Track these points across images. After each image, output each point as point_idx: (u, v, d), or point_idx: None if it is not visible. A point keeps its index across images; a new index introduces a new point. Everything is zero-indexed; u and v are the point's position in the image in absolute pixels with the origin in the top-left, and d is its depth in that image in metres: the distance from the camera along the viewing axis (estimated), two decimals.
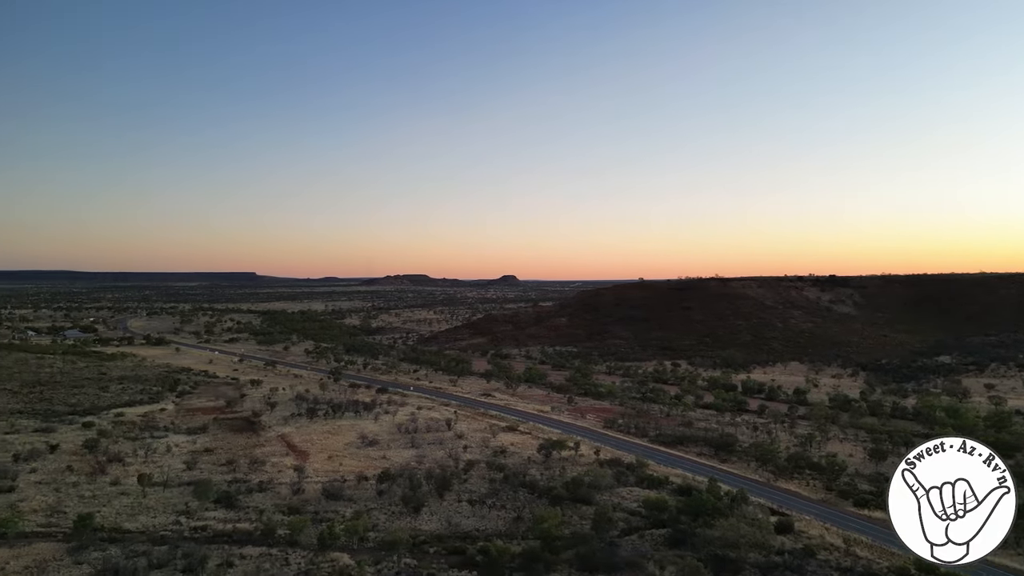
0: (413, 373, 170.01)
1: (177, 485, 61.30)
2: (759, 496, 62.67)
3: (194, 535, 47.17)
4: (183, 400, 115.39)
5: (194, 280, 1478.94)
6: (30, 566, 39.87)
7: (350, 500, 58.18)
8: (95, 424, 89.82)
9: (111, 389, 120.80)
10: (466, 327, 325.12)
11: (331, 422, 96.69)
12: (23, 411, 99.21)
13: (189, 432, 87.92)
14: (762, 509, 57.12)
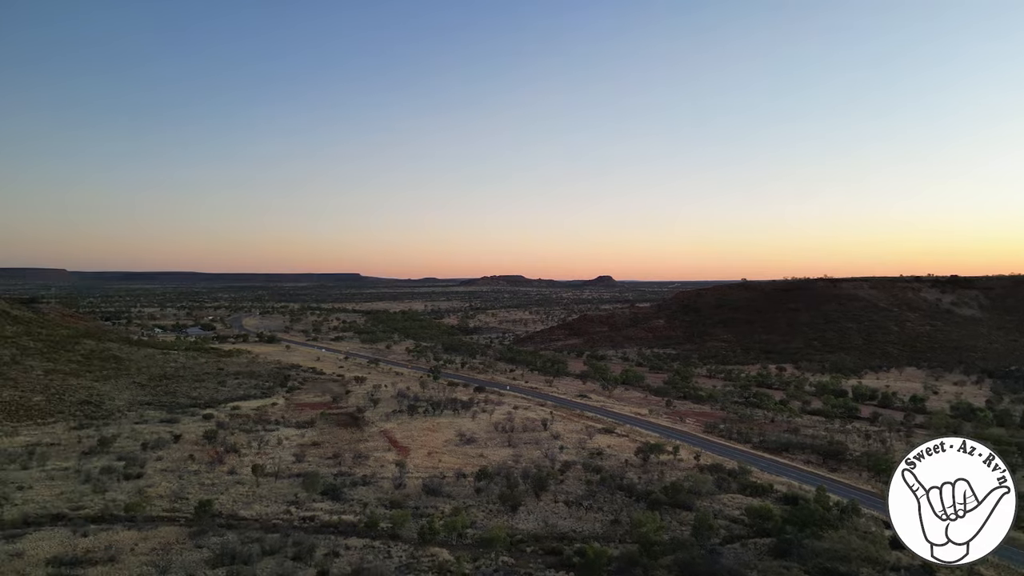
0: (509, 373, 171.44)
1: (287, 476, 64.30)
2: (872, 508, 59.28)
3: (303, 524, 49.32)
4: (293, 395, 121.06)
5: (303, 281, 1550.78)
6: (156, 548, 42.78)
7: (449, 496, 59.26)
8: (214, 416, 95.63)
9: (228, 384, 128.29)
10: (561, 328, 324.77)
11: (431, 419, 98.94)
12: (151, 403, 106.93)
13: (298, 426, 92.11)
14: (875, 522, 53.97)
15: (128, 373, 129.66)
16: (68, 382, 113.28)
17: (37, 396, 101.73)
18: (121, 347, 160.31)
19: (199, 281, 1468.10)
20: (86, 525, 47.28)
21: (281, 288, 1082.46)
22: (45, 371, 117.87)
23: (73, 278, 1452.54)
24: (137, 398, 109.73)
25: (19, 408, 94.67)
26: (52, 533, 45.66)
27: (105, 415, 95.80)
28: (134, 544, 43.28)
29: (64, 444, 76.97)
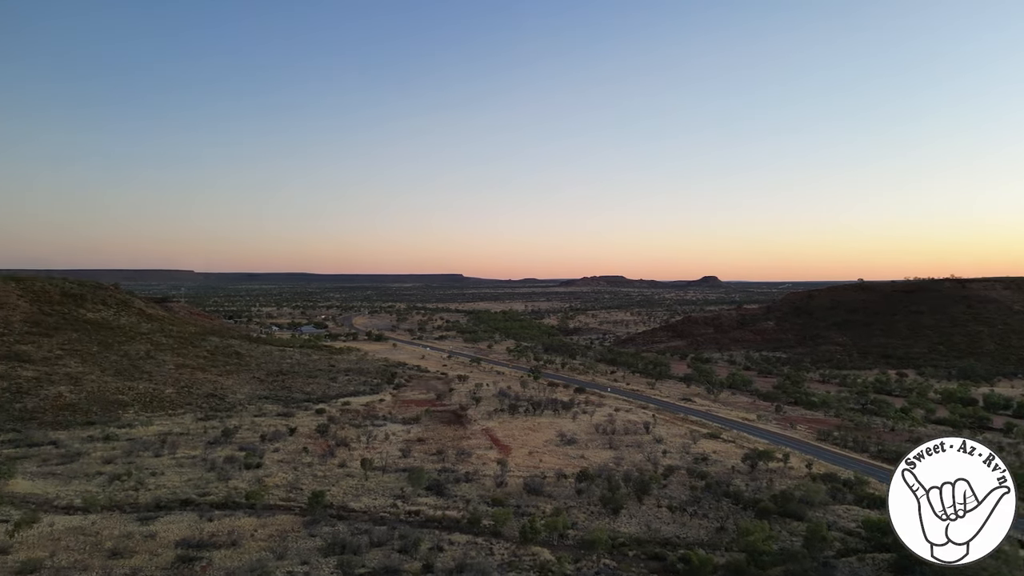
0: (610, 374, 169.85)
1: (394, 471, 66.32)
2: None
3: (408, 518, 50.73)
4: (399, 392, 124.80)
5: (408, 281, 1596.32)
6: (273, 535, 45.14)
7: (550, 496, 59.35)
8: (326, 411, 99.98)
9: (339, 380, 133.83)
10: (664, 329, 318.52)
11: (531, 419, 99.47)
12: (268, 397, 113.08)
13: (404, 422, 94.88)
14: (1009, 541, 49.81)
15: (248, 368, 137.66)
16: (196, 376, 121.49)
17: (169, 389, 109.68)
18: (242, 344, 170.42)
19: (312, 282, 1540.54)
20: (211, 511, 50.58)
21: (388, 288, 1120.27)
22: (176, 365, 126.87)
23: (200, 279, 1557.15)
24: (256, 392, 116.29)
25: (153, 400, 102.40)
26: (181, 517, 49.11)
27: (228, 408, 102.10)
28: (254, 530, 45.85)
29: (192, 434, 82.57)
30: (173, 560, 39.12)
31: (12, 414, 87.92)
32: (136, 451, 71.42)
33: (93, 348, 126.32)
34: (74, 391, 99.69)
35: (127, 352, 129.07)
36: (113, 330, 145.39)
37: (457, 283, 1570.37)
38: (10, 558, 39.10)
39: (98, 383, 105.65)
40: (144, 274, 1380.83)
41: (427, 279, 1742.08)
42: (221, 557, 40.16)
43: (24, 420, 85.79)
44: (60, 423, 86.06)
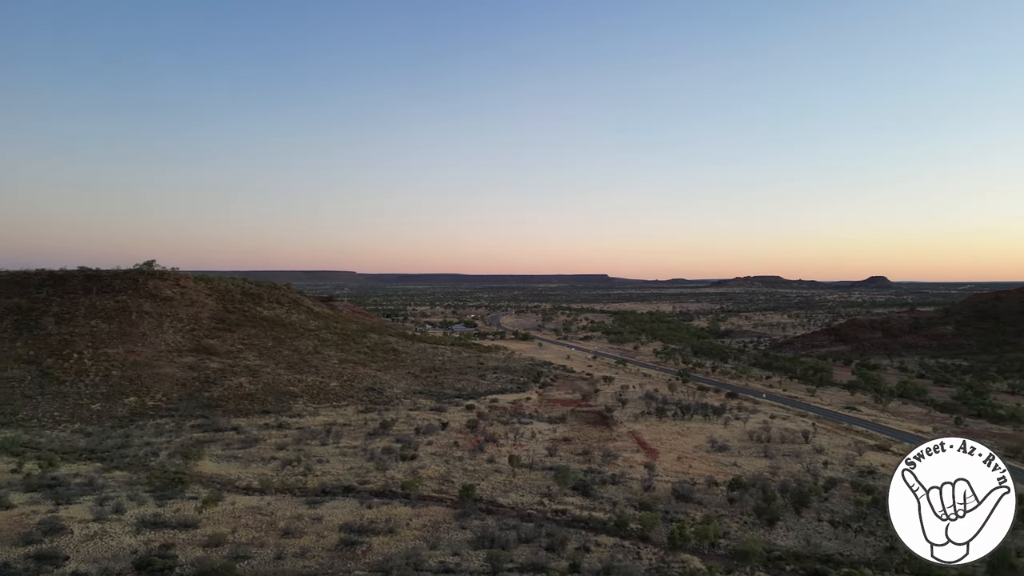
0: (765, 379, 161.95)
1: (540, 469, 67.06)
2: None
3: (555, 517, 51.11)
4: (545, 391, 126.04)
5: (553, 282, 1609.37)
6: (427, 525, 47.13)
7: (699, 503, 57.57)
8: (475, 407, 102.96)
9: (487, 377, 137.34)
10: (825, 333, 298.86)
11: (680, 423, 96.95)
12: (422, 392, 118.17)
13: (550, 421, 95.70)
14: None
15: (404, 364, 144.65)
16: (357, 371, 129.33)
17: (333, 382, 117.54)
18: (398, 341, 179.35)
19: (463, 282, 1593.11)
20: (370, 498, 53.65)
21: (534, 288, 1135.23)
22: (339, 360, 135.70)
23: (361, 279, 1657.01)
24: (411, 387, 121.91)
25: (320, 392, 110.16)
26: (344, 503, 52.49)
27: (386, 401, 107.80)
28: (409, 519, 48.12)
29: (353, 425, 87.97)
30: (337, 543, 41.86)
31: (201, 401, 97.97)
32: (305, 439, 77.25)
33: (268, 343, 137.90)
34: (252, 382, 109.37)
35: (297, 347, 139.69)
36: (285, 326, 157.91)
37: (603, 283, 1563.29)
38: (198, 532, 43.54)
39: (272, 375, 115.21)
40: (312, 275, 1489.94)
41: (572, 279, 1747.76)
42: (379, 543, 42.46)
43: (210, 407, 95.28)
44: (240, 411, 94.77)
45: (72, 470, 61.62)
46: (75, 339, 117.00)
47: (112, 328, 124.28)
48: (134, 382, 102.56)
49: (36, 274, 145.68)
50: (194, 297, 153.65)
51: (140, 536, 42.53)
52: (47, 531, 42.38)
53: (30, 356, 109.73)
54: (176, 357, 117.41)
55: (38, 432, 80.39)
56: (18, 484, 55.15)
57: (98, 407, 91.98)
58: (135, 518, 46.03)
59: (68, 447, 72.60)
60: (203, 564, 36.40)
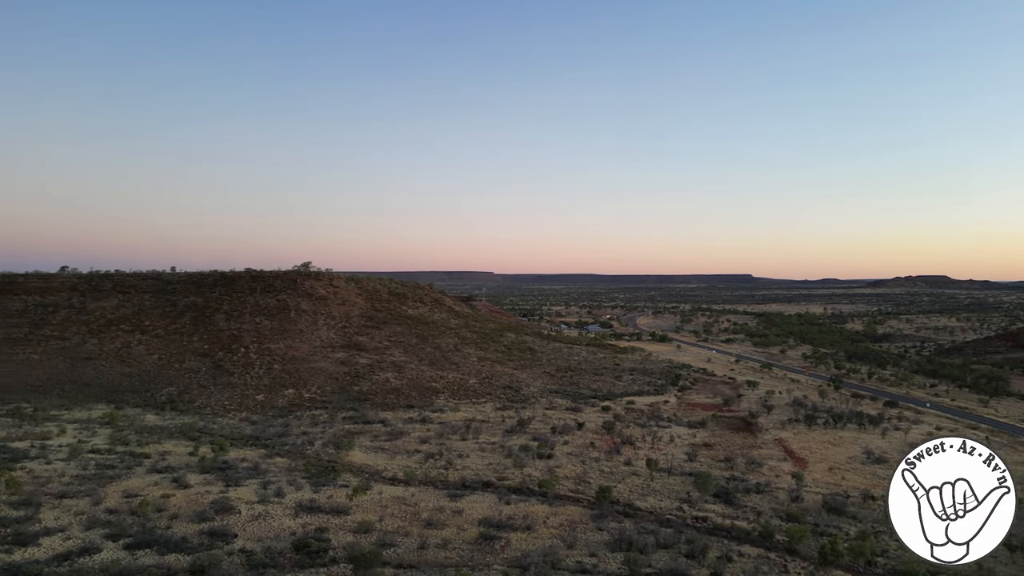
0: (929, 388, 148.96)
1: (679, 473, 65.39)
2: None
3: (695, 524, 49.58)
4: (683, 394, 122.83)
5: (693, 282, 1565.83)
6: (563, 524, 47.24)
7: (853, 518, 53.85)
8: (611, 408, 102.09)
9: (624, 379, 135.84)
10: (1002, 338, 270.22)
11: (831, 432, 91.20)
12: (558, 391, 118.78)
13: (689, 425, 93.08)
14: None
15: (540, 364, 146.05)
16: (495, 369, 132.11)
17: (472, 379, 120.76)
18: (534, 340, 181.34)
19: (598, 282, 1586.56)
20: (508, 494, 54.56)
21: (672, 289, 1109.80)
22: (478, 358, 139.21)
23: (499, 279, 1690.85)
24: (547, 386, 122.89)
25: (460, 388, 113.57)
26: (482, 497, 53.71)
27: (522, 399, 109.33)
28: (546, 517, 48.45)
29: (491, 422, 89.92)
30: (476, 536, 42.88)
31: (352, 395, 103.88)
32: (446, 434, 79.91)
33: (412, 340, 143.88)
34: (398, 377, 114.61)
35: (439, 345, 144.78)
36: (428, 325, 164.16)
37: (746, 283, 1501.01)
38: (349, 518, 46.11)
39: (416, 371, 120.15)
40: (452, 275, 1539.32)
41: (713, 279, 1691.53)
42: (517, 539, 43.05)
43: (360, 400, 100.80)
44: (387, 405, 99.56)
45: (240, 455, 67.31)
46: (242, 334, 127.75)
47: (274, 325, 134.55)
48: (292, 375, 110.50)
49: (210, 275, 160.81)
50: (345, 296, 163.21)
51: (298, 519, 45.67)
52: (218, 510, 46.51)
53: (205, 349, 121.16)
54: (329, 353, 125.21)
55: (211, 419, 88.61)
56: (194, 466, 60.95)
57: (262, 398, 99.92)
58: (293, 502, 49.52)
59: (236, 434, 79.46)
60: (353, 549, 38.48)
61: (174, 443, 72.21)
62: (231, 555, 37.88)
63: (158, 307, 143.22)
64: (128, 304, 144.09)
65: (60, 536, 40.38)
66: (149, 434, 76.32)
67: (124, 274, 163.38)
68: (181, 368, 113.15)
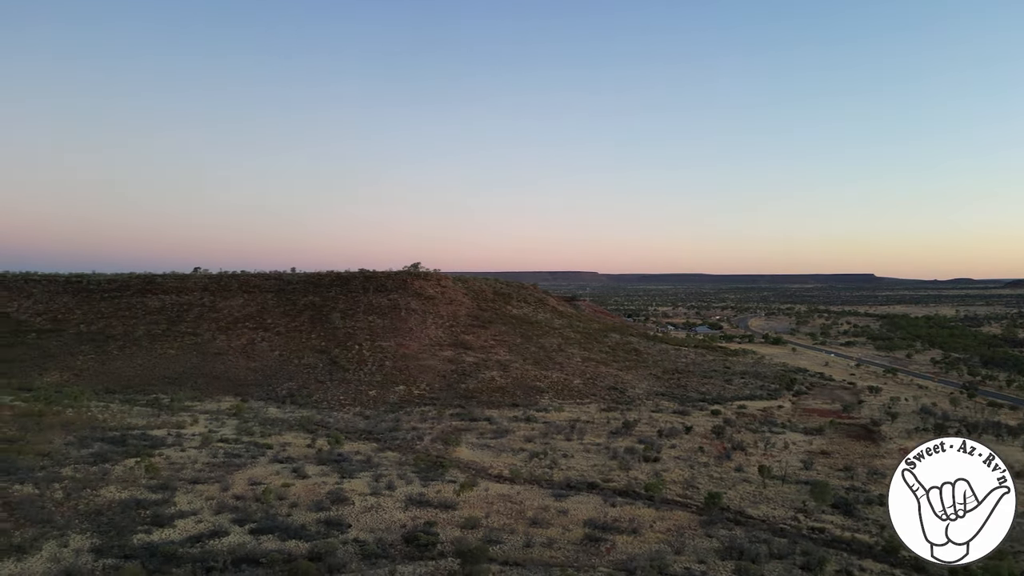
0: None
1: (794, 482, 62.57)
2: None
3: (811, 535, 47.33)
4: (799, 399, 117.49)
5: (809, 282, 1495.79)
6: (671, 529, 46.28)
7: None
8: (721, 413, 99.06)
9: (734, 382, 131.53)
10: None
11: None
12: (664, 394, 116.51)
13: (805, 432, 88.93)
14: None
15: (645, 365, 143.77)
16: (599, 369, 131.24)
17: (576, 379, 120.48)
18: (640, 341, 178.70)
19: (707, 282, 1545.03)
20: (613, 496, 54.01)
21: (786, 289, 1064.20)
22: (582, 359, 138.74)
23: (603, 280, 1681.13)
24: (653, 388, 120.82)
25: (564, 388, 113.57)
26: (587, 498, 53.45)
27: (628, 401, 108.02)
28: (652, 521, 47.63)
29: (596, 423, 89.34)
30: (582, 537, 42.72)
31: (458, 392, 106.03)
32: (550, 433, 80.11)
33: (517, 340, 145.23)
34: (503, 376, 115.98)
35: (543, 344, 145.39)
36: (532, 324, 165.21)
37: (868, 283, 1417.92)
38: (456, 513, 47.08)
39: (521, 370, 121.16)
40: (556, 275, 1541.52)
41: (831, 279, 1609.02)
42: (623, 542, 42.57)
43: (466, 398, 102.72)
44: (492, 403, 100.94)
45: (354, 448, 70.13)
46: (356, 332, 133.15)
47: (385, 323, 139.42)
48: (403, 372, 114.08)
49: (327, 275, 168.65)
50: (453, 296, 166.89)
51: (408, 512, 47.08)
52: (334, 500, 48.64)
53: (321, 346, 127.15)
54: (437, 351, 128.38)
55: (327, 413, 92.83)
56: (312, 457, 64.02)
57: (374, 393, 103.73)
58: (404, 495, 51.09)
59: (350, 427, 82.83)
60: (461, 544, 39.26)
61: (293, 435, 76.16)
62: (345, 544, 39.55)
63: (279, 306, 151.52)
64: (253, 303, 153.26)
65: (193, 519, 43.47)
66: (271, 426, 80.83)
67: (249, 275, 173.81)
68: (300, 364, 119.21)
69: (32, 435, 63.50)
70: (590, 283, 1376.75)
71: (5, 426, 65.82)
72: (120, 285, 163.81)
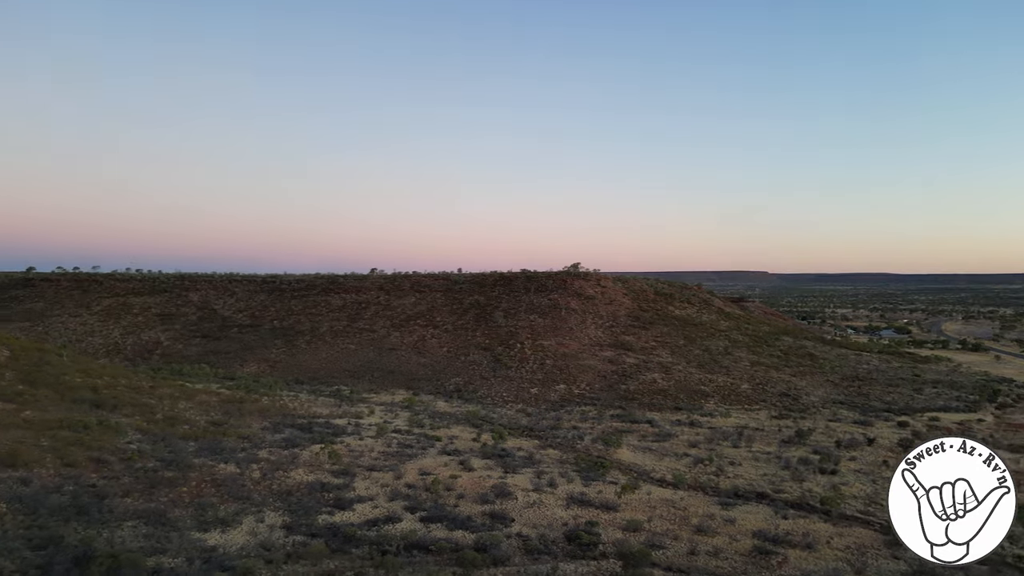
0: None
1: None
2: None
3: (1017, 563, 42.04)
4: (1003, 413, 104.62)
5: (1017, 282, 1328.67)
6: (850, 546, 42.97)
7: None
8: (908, 424, 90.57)
9: (925, 392, 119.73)
10: None
11: None
12: (843, 402, 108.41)
13: (1011, 449, 78.89)
14: None
15: (822, 371, 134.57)
16: (769, 374, 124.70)
17: (744, 384, 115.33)
18: (815, 345, 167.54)
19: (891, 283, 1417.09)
20: (785, 508, 51.05)
21: (988, 291, 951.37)
22: (751, 363, 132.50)
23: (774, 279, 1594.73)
24: (830, 396, 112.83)
25: (730, 393, 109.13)
26: (756, 508, 50.97)
27: (801, 409, 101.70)
28: (829, 537, 44.51)
29: (765, 430, 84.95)
30: (750, 549, 40.84)
31: (618, 393, 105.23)
32: (716, 439, 77.23)
33: (679, 341, 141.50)
34: (664, 378, 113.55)
35: (707, 347, 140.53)
36: (696, 326, 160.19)
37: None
38: (618, 515, 46.73)
39: (684, 373, 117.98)
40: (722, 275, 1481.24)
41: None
42: (796, 556, 40.19)
43: (627, 399, 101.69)
44: (653, 405, 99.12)
45: (516, 444, 71.71)
46: (518, 331, 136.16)
47: (545, 322, 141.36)
48: (563, 371, 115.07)
49: (491, 275, 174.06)
50: (612, 296, 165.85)
51: (569, 511, 47.38)
52: (498, 494, 50.00)
53: (485, 344, 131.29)
54: (597, 351, 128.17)
55: (491, 408, 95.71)
56: (477, 451, 66.23)
57: (535, 391, 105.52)
58: (565, 493, 51.49)
59: (513, 424, 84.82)
60: (622, 546, 38.91)
61: (460, 428, 79.23)
62: (509, 538, 40.55)
63: (447, 304, 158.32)
64: (423, 302, 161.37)
65: (369, 504, 46.50)
66: (440, 419, 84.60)
67: (420, 275, 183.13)
68: (466, 360, 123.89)
69: (234, 419, 70.95)
70: (759, 283, 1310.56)
71: (213, 411, 73.94)
72: (307, 285, 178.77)
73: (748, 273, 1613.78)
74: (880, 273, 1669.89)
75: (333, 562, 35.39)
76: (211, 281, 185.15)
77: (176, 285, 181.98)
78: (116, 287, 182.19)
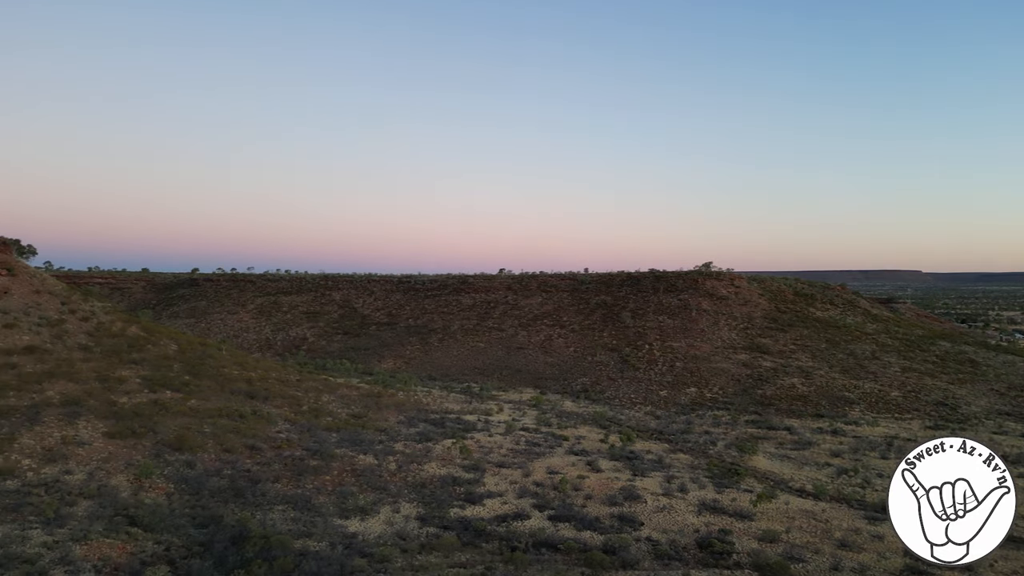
0: None
1: None
2: None
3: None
4: None
5: None
6: (1018, 571, 39.05)
7: None
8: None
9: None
10: None
11: None
12: (1009, 413, 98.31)
13: None
14: None
15: (984, 379, 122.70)
16: (923, 381, 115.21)
17: (894, 391, 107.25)
18: (977, 351, 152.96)
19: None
20: None
21: None
22: (901, 368, 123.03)
23: (928, 279, 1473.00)
24: (994, 406, 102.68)
25: (878, 401, 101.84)
26: None
27: (960, 419, 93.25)
28: (993, 560, 40.48)
29: (919, 440, 78.13)
30: (901, 568, 37.93)
31: (754, 398, 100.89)
32: (862, 449, 72.37)
33: (821, 345, 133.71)
34: (804, 383, 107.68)
35: (852, 351, 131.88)
36: (839, 329, 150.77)
37: None
38: (753, 524, 44.80)
39: (826, 378, 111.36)
40: (869, 275, 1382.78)
41: None
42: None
43: (763, 405, 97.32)
44: (792, 411, 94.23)
45: (644, 447, 70.47)
46: (646, 332, 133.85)
47: (675, 323, 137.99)
48: (694, 374, 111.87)
49: (618, 275, 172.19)
50: (747, 297, 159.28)
51: (700, 517, 45.99)
52: (626, 497, 49.36)
53: (612, 344, 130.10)
54: (731, 354, 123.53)
55: (619, 410, 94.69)
56: (604, 453, 65.68)
57: (664, 394, 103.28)
58: (696, 499, 50.01)
59: (641, 426, 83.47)
60: (758, 556, 37.28)
61: (587, 428, 78.92)
62: (638, 541, 39.94)
63: (573, 304, 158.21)
64: (550, 302, 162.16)
65: (499, 500, 47.31)
66: (567, 419, 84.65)
67: (547, 275, 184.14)
68: (592, 361, 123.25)
69: (372, 413, 74.43)
70: (911, 283, 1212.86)
71: (353, 404, 77.89)
72: (439, 285, 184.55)
73: (898, 272, 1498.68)
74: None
75: (464, 555, 36.33)
76: (352, 281, 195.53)
77: (320, 285, 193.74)
78: (267, 286, 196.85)
